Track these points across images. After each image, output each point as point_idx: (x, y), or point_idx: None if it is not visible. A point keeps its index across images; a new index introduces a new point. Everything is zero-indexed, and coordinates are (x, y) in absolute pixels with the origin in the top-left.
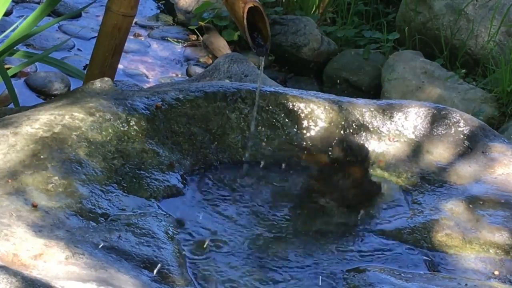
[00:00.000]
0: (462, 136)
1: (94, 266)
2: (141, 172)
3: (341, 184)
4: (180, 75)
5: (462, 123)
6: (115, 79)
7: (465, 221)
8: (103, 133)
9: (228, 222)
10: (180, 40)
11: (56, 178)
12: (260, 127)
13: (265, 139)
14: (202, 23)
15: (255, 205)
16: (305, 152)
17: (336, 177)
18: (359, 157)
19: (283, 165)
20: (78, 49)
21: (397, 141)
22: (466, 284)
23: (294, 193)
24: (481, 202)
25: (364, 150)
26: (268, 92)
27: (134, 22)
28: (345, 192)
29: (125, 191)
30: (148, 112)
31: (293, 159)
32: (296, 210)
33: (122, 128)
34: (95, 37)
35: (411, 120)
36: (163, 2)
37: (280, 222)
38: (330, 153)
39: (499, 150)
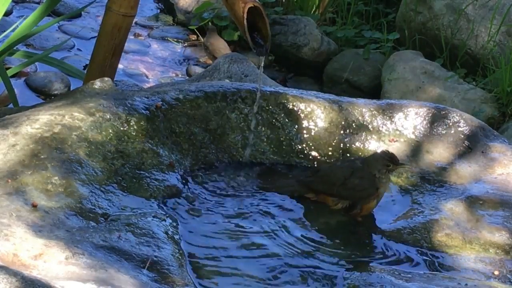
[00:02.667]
0: (462, 136)
1: (94, 266)
2: (141, 172)
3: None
4: (180, 75)
5: (462, 123)
6: (115, 79)
7: (465, 221)
8: (103, 133)
9: (228, 222)
10: (180, 40)
11: (56, 178)
12: (260, 127)
13: (265, 139)
14: (203, 23)
15: (255, 204)
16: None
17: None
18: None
19: (283, 164)
20: (78, 49)
21: (397, 141)
22: (466, 284)
23: (294, 192)
24: (481, 202)
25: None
26: (268, 92)
27: (134, 22)
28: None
29: (125, 191)
30: (148, 112)
31: (292, 158)
32: (296, 210)
33: (122, 128)
34: (95, 37)
35: (411, 120)
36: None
37: (280, 222)
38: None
39: (499, 150)
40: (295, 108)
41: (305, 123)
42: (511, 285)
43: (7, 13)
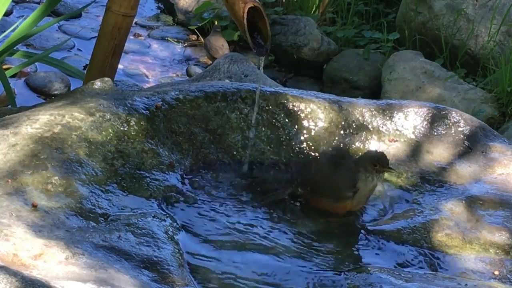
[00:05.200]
0: (462, 136)
1: (94, 266)
2: (141, 172)
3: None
4: (180, 75)
5: (462, 123)
6: (115, 79)
7: (465, 221)
8: (103, 133)
9: (228, 222)
10: (180, 40)
11: (56, 178)
12: (260, 127)
13: (265, 139)
14: (203, 23)
15: (255, 205)
16: None
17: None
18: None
19: (283, 164)
20: (78, 49)
21: (397, 141)
22: (466, 284)
23: (294, 192)
24: (481, 202)
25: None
26: (268, 92)
27: (134, 22)
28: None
29: (125, 191)
30: (148, 112)
31: (293, 158)
32: (296, 210)
33: (122, 128)
34: (95, 37)
35: (411, 120)
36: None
37: (280, 222)
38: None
39: (499, 150)
40: (295, 108)
41: (305, 123)
42: (511, 285)
43: (7, 13)
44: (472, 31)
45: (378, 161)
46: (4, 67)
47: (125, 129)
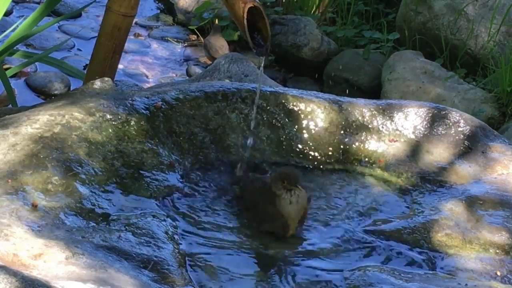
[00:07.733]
0: (462, 136)
1: (94, 266)
2: (141, 172)
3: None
4: (180, 75)
5: (462, 123)
6: (115, 79)
7: (465, 221)
8: (103, 133)
9: (228, 222)
10: (180, 40)
11: (56, 178)
12: (260, 127)
13: (265, 139)
14: (203, 23)
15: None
16: None
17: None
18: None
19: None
20: (78, 49)
21: (397, 141)
22: (466, 284)
23: None
24: (481, 202)
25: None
26: (268, 92)
27: (134, 22)
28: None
29: (125, 191)
30: (148, 112)
31: (293, 158)
32: None
33: (122, 128)
34: (95, 37)
35: (411, 120)
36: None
37: None
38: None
39: (499, 150)
40: (295, 108)
41: (305, 123)
42: (511, 285)
43: (7, 13)
44: (472, 31)
45: (285, 178)
46: (4, 67)
47: (125, 129)
